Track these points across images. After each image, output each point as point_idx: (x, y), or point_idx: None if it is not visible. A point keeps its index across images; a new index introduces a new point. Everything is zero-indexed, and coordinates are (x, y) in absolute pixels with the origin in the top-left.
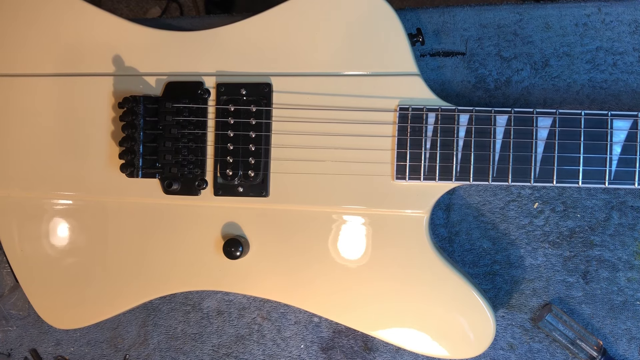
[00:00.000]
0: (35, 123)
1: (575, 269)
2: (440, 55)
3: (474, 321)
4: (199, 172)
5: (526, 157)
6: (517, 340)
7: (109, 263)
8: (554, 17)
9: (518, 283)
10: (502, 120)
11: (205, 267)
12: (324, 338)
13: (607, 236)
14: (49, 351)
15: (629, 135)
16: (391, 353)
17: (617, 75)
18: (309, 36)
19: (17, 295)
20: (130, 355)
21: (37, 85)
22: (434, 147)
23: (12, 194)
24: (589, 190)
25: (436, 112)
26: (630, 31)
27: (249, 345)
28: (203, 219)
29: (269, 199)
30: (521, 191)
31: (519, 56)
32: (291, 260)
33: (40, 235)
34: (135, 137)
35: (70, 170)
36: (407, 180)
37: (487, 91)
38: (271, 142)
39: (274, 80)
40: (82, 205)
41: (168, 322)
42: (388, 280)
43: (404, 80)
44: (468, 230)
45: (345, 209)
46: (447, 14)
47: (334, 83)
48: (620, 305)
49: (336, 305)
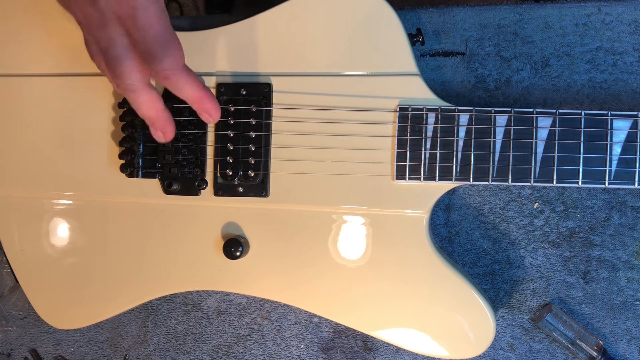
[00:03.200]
0: (35, 123)
1: (575, 269)
2: (440, 55)
3: (474, 321)
4: (199, 172)
5: (526, 157)
6: (517, 340)
7: (109, 263)
8: (554, 17)
9: (518, 283)
10: (502, 120)
11: (205, 267)
12: (324, 338)
13: (607, 236)
14: (49, 351)
15: (629, 135)
16: (391, 353)
17: (617, 75)
18: (309, 36)
19: (17, 295)
20: (130, 355)
21: (37, 85)
22: (434, 147)
23: (12, 193)
24: (589, 190)
25: (436, 112)
26: (630, 31)
27: (249, 345)
28: (203, 219)
29: (269, 199)
30: (521, 191)
31: (519, 56)
32: (291, 260)
33: (40, 235)
34: (135, 137)
35: (70, 170)
36: (407, 180)
37: (487, 91)
38: (271, 142)
39: (274, 80)
40: (82, 205)
41: (168, 322)
42: (388, 280)
43: (404, 80)
44: (468, 230)
45: (345, 209)
46: (447, 14)
47: (334, 83)
48: (620, 305)
49: (336, 305)
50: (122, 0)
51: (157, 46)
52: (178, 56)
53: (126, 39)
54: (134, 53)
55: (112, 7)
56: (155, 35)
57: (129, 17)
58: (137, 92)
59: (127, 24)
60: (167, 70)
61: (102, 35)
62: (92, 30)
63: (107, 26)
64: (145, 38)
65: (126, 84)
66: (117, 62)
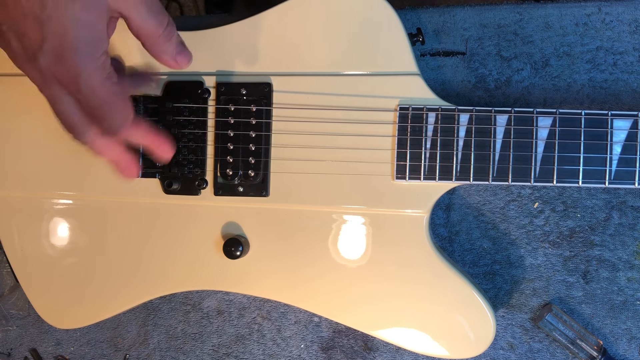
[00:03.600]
0: (35, 123)
1: (575, 269)
2: (441, 55)
3: (474, 321)
4: (199, 172)
5: (526, 157)
6: (517, 340)
7: (109, 263)
8: (554, 16)
9: (518, 283)
10: (502, 120)
11: (205, 267)
12: (324, 338)
13: (607, 236)
14: (49, 351)
15: (629, 135)
16: (391, 353)
17: (617, 75)
18: (309, 36)
19: (17, 295)
20: (130, 355)
21: None
22: (434, 146)
23: (12, 193)
24: (589, 190)
25: (436, 112)
26: (631, 31)
27: (249, 345)
28: (203, 218)
29: (269, 199)
30: (521, 191)
31: (519, 56)
32: (291, 259)
33: (40, 235)
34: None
35: (70, 170)
36: (407, 180)
37: (487, 91)
38: (271, 141)
39: (274, 80)
40: (82, 205)
41: (168, 322)
42: (388, 280)
43: (404, 79)
44: (468, 230)
45: (345, 208)
46: (447, 13)
47: (334, 83)
48: (620, 305)
49: (336, 305)
50: (63, 67)
51: (103, 110)
52: (125, 114)
53: (70, 97)
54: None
55: (52, 71)
56: (99, 101)
57: (70, 82)
58: (91, 142)
59: (69, 88)
60: (114, 128)
61: (46, 94)
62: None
63: (48, 86)
64: (88, 102)
65: (78, 137)
66: (63, 119)
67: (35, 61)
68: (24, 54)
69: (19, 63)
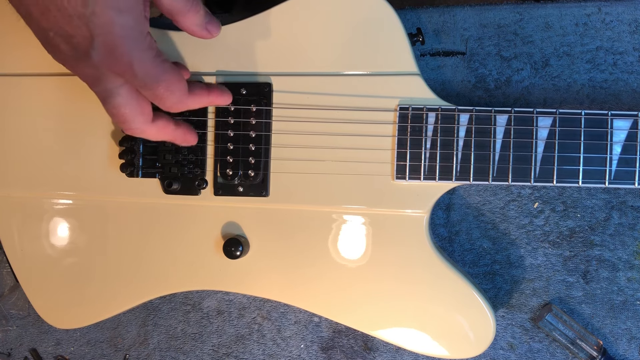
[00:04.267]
0: (35, 123)
1: (575, 269)
2: (440, 55)
3: (474, 321)
4: (199, 172)
5: (526, 157)
6: (517, 340)
7: (109, 263)
8: (554, 16)
9: (518, 283)
10: (502, 120)
11: (205, 267)
12: (324, 338)
13: (607, 236)
14: (49, 351)
15: (629, 135)
16: (391, 353)
17: (617, 75)
18: (309, 36)
19: (17, 295)
20: (130, 355)
21: (37, 85)
22: (434, 146)
23: (12, 193)
24: (589, 190)
25: (436, 112)
26: (631, 31)
27: (249, 345)
28: (203, 218)
29: (269, 199)
30: (521, 191)
31: (519, 56)
32: (291, 259)
33: (40, 235)
34: (135, 137)
35: (70, 170)
36: (407, 180)
37: (487, 91)
38: (271, 141)
39: (275, 80)
40: (82, 205)
41: (168, 322)
42: (388, 280)
43: (404, 79)
44: (468, 230)
45: (345, 208)
46: (447, 13)
47: (334, 83)
48: (620, 305)
49: (336, 305)
50: (115, 57)
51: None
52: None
53: (123, 87)
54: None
55: (106, 64)
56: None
57: (126, 71)
58: (145, 132)
59: (126, 76)
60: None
61: (99, 89)
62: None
63: (103, 81)
64: (147, 84)
65: (132, 128)
66: (116, 112)
67: (88, 59)
68: (75, 54)
69: (70, 65)
